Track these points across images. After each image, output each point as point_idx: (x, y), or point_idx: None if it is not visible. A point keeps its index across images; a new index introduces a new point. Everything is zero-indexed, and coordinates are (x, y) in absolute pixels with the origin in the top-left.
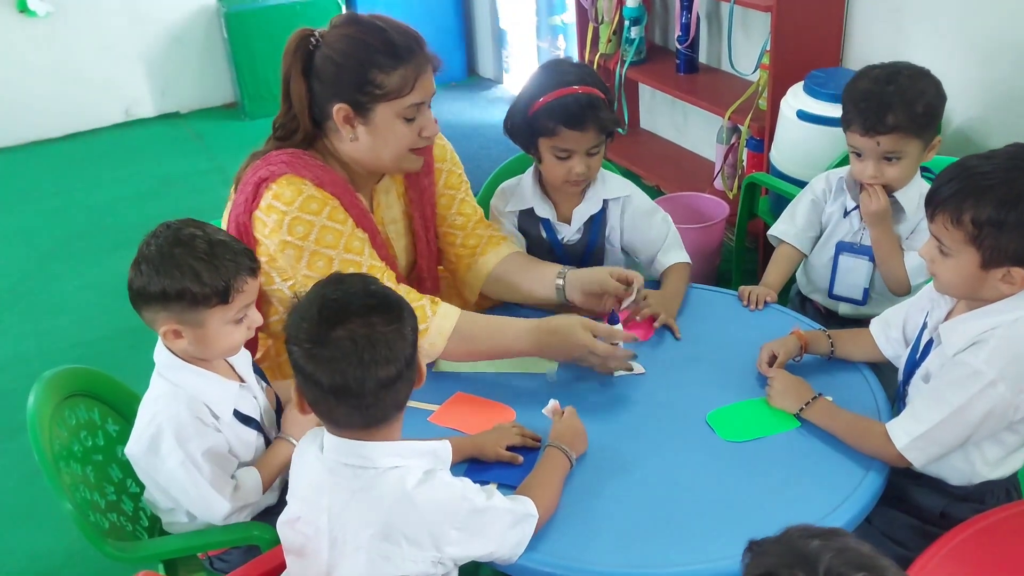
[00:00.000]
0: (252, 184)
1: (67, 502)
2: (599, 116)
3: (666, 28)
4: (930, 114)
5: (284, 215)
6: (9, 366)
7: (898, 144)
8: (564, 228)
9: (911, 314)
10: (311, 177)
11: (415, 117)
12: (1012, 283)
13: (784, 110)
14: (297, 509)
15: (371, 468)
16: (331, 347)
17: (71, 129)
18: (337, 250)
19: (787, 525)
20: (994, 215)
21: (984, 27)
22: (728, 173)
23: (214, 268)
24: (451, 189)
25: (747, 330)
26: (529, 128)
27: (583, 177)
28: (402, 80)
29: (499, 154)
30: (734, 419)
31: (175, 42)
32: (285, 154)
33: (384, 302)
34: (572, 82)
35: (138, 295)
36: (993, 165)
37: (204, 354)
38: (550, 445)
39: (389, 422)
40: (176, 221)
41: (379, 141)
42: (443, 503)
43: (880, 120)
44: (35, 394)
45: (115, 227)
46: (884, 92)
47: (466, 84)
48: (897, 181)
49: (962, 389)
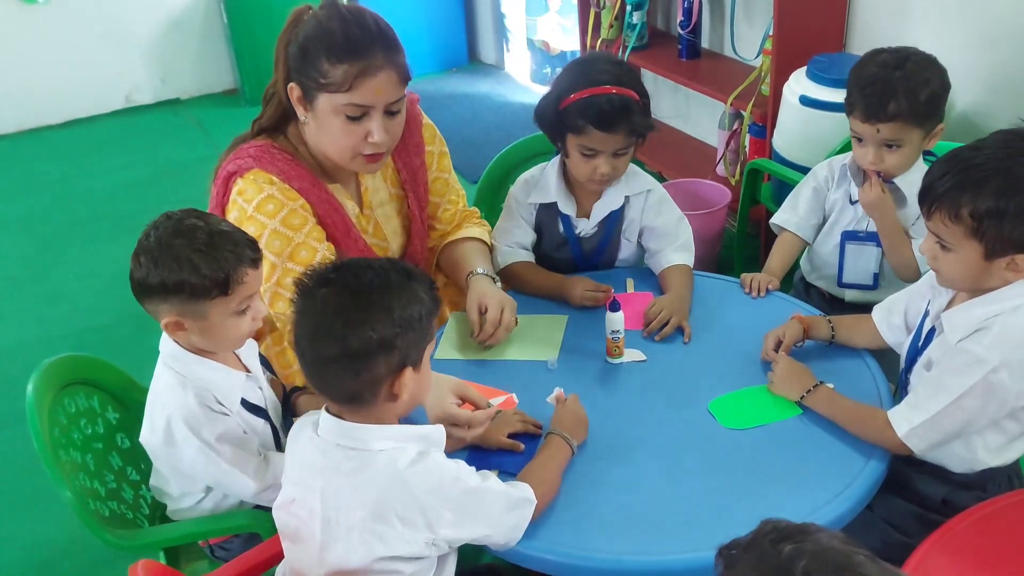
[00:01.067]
0: (222, 178)
1: (66, 490)
2: (631, 120)
3: (668, 13)
4: (933, 104)
5: (243, 211)
6: (10, 354)
7: (899, 133)
8: (582, 223)
9: (913, 301)
10: (277, 172)
11: (358, 118)
12: (1018, 270)
13: (787, 96)
14: (291, 491)
15: (363, 450)
16: (315, 300)
17: (71, 116)
18: (280, 257)
19: (789, 514)
20: (994, 206)
21: (987, 11)
22: (730, 159)
23: (213, 259)
24: (444, 172)
25: (749, 317)
26: (559, 122)
27: (608, 177)
28: (344, 76)
29: (500, 139)
30: (736, 407)
31: (175, 28)
32: (255, 147)
33: (385, 277)
34: (607, 81)
35: (139, 287)
36: (985, 156)
37: (211, 346)
38: (551, 432)
39: (369, 403)
40: (178, 212)
41: (321, 131)
42: (436, 483)
43: (882, 107)
44: (34, 382)
45: (115, 214)
46: (890, 78)
47: (467, 69)
48: (896, 168)
49: (964, 376)
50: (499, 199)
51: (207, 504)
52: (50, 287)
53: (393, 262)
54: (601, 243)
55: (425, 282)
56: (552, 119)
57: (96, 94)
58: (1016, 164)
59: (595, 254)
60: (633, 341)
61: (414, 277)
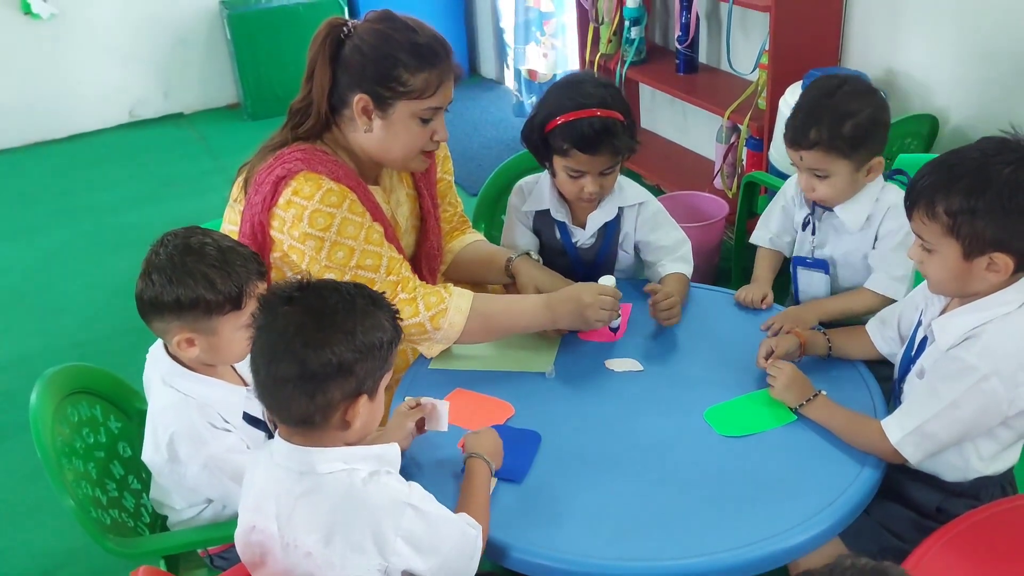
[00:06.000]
0: (270, 183)
1: (69, 498)
2: (613, 142)
3: (666, 28)
4: (858, 136)
5: (304, 208)
6: (12, 365)
7: (821, 162)
8: (579, 232)
9: (906, 311)
10: (327, 172)
11: (430, 119)
12: (997, 270)
13: (783, 109)
14: (250, 519)
15: (311, 473)
16: (276, 317)
17: (75, 130)
18: (358, 240)
19: (784, 521)
20: (965, 203)
21: (981, 26)
22: (728, 172)
23: (227, 275)
24: (447, 175)
25: (744, 327)
26: (544, 145)
27: (595, 196)
28: (426, 82)
29: (500, 153)
30: (731, 415)
31: (178, 44)
32: (299, 151)
33: (350, 301)
34: (591, 104)
35: (150, 306)
36: (962, 156)
37: (216, 361)
38: (474, 456)
39: (319, 428)
40: (181, 230)
41: (391, 136)
42: (386, 504)
43: (804, 135)
44: (37, 392)
45: (119, 228)
46: (817, 106)
47: (468, 84)
48: (830, 199)
49: (955, 384)
50: (498, 212)
51: (207, 514)
52: (53, 299)
53: (361, 287)
54: (599, 253)
55: (390, 312)
56: (537, 142)
57: (99, 108)
58: (990, 163)
59: (593, 265)
60: (630, 352)
61: (379, 305)
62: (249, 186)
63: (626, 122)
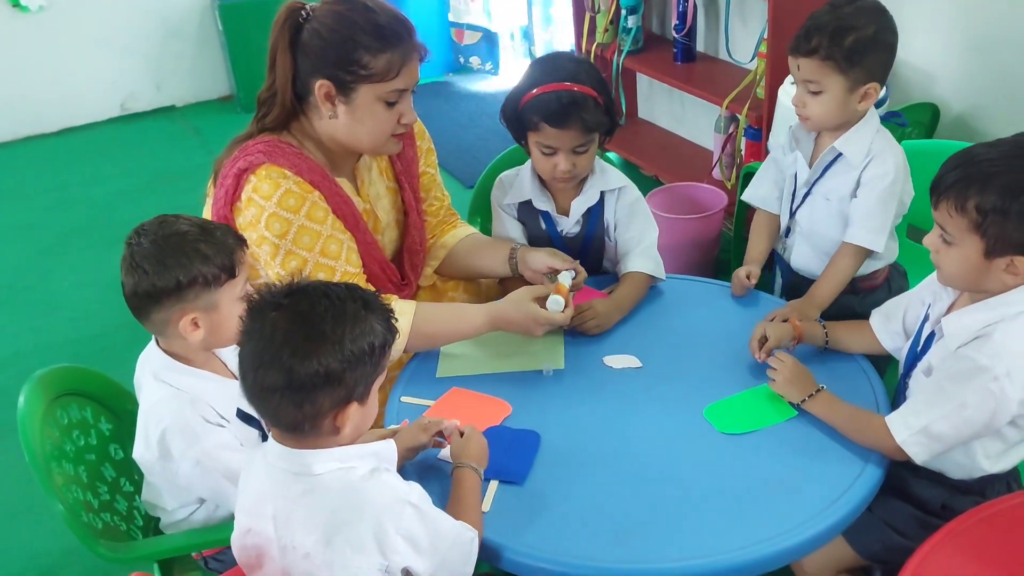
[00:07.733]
0: (232, 176)
1: (59, 503)
2: (582, 116)
3: (663, 17)
4: (857, 51)
5: (262, 210)
6: (5, 363)
7: (815, 72)
8: (563, 220)
9: (912, 306)
10: (288, 165)
11: (396, 102)
12: (1016, 273)
13: (782, 99)
14: (246, 521)
15: (308, 475)
16: (264, 323)
17: (66, 124)
18: (312, 252)
19: (786, 520)
20: (998, 203)
21: (982, 16)
22: (726, 162)
23: (215, 246)
24: (431, 168)
25: (744, 322)
26: (518, 121)
27: (568, 175)
28: (388, 64)
29: (496, 146)
30: (731, 412)
31: (170, 36)
32: (261, 143)
33: (340, 307)
34: (563, 78)
35: (147, 297)
36: (999, 152)
37: (219, 342)
38: (462, 466)
39: (309, 434)
40: (151, 220)
41: (357, 122)
42: (388, 502)
43: (806, 40)
44: (26, 393)
45: (112, 222)
46: (825, 15)
47: (461, 75)
48: (818, 118)
49: (965, 384)
50: None
51: (199, 516)
52: (46, 295)
53: (352, 290)
54: (584, 241)
55: (383, 313)
56: (513, 118)
57: (91, 102)
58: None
59: (580, 253)
60: (628, 348)
61: (371, 308)
62: (216, 177)
63: (601, 99)
